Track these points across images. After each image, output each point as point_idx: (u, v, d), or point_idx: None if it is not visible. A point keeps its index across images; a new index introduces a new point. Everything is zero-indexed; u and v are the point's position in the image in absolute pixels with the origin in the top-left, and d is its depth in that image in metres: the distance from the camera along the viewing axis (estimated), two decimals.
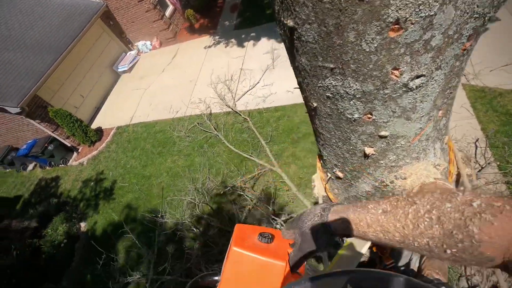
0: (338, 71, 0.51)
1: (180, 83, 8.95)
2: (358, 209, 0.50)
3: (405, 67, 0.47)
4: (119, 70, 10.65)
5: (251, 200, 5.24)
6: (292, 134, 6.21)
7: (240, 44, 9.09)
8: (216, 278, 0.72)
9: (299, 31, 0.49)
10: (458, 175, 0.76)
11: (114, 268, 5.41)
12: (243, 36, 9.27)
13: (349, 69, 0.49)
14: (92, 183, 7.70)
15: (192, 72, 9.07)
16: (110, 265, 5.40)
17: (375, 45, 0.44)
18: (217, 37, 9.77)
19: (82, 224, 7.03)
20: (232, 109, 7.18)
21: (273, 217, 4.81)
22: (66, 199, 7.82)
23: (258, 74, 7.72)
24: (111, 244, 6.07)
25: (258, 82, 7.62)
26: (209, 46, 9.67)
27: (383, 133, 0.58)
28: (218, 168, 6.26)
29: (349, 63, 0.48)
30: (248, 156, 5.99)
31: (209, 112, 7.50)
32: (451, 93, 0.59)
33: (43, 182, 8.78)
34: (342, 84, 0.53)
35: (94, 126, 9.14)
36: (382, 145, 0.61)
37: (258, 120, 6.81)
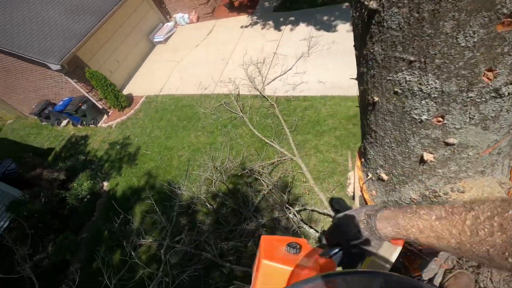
0: (418, 65, 0.46)
1: (212, 60, 8.94)
2: (408, 215, 0.49)
3: (502, 69, 0.41)
4: (155, 40, 10.79)
5: (267, 185, 5.25)
6: (318, 126, 6.08)
7: (277, 27, 8.86)
8: None
9: (382, 15, 0.44)
10: None
11: (130, 229, 5.72)
12: (281, 19, 9.02)
13: (433, 64, 0.44)
14: (118, 146, 8.04)
15: (225, 51, 9.00)
16: (126, 226, 5.72)
17: (475, 40, 0.39)
18: (255, 17, 9.57)
19: (105, 183, 7.42)
20: (260, 92, 7.11)
21: (287, 205, 4.81)
22: (93, 158, 8.25)
23: (291, 61, 7.54)
24: (129, 206, 6.38)
25: (290, 69, 7.45)
26: (246, 26, 9.51)
27: (451, 140, 0.52)
28: (239, 150, 6.30)
29: (434, 58, 0.43)
30: (270, 142, 5.96)
31: (237, 93, 7.48)
32: None
33: (73, 138, 9.28)
34: (418, 80, 0.47)
35: (125, 92, 9.42)
36: (446, 153, 0.56)
37: (285, 107, 6.71)
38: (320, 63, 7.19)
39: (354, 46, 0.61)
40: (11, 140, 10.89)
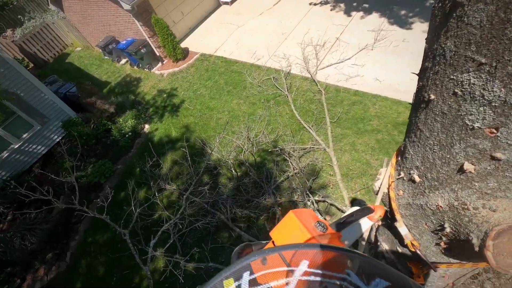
0: (487, 68, 0.44)
1: (271, 32, 8.79)
2: None
3: None
4: None
5: (294, 168, 5.29)
6: (361, 124, 5.85)
7: (348, 11, 8.35)
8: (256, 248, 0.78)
9: (466, 9, 0.43)
10: None
11: (158, 172, 6.18)
12: (354, 4, 8.46)
13: (504, 71, 0.42)
14: (164, 95, 8.48)
15: (287, 25, 8.76)
16: (156, 168, 6.18)
17: None
18: None
19: (146, 126, 7.97)
20: (312, 76, 6.93)
21: (308, 192, 4.84)
22: (141, 100, 8.82)
23: (353, 50, 7.16)
24: (162, 152, 6.84)
25: (349, 58, 7.10)
26: (315, 4, 9.09)
27: (498, 154, 0.51)
28: (275, 127, 6.32)
29: (507, 64, 0.41)
30: (308, 128, 5.89)
31: (287, 71, 7.37)
32: None
33: (128, 78, 9.94)
34: (483, 84, 0.46)
35: (183, 45, 9.70)
36: (488, 168, 0.55)
37: (332, 96, 6.51)
38: (382, 59, 6.74)
39: (426, 38, 0.59)
40: (76, 66, 11.95)
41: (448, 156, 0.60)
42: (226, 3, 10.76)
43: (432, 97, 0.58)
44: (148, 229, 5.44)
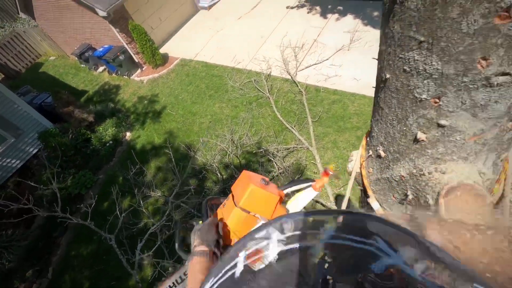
0: (426, 45, 0.52)
1: (250, 36, 8.91)
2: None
3: (495, 60, 0.47)
4: (199, 4, 10.82)
5: (278, 168, 5.37)
6: (341, 122, 6.03)
7: (324, 14, 8.62)
8: (222, 200, 0.94)
9: None
10: (500, 198, 0.75)
11: (143, 180, 6.08)
12: (329, 6, 8.75)
13: (438, 46, 0.50)
14: (145, 101, 8.37)
15: (266, 29, 8.92)
16: (139, 176, 6.07)
17: (475, 28, 0.45)
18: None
19: (128, 133, 7.83)
20: (292, 77, 7.07)
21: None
22: (121, 107, 8.65)
23: (330, 51, 7.37)
24: (146, 159, 6.74)
25: (327, 59, 7.30)
26: (292, 7, 9.32)
27: (443, 121, 0.59)
28: (258, 129, 6.39)
29: (440, 40, 0.49)
30: (290, 128, 6.01)
31: (268, 73, 7.48)
32: None
33: (106, 86, 9.73)
34: (424, 60, 0.54)
35: (162, 50, 9.63)
36: (436, 134, 0.63)
37: (313, 96, 6.67)
38: (358, 59, 6.99)
39: (381, 25, 0.67)
40: (51, 76, 11.57)
41: (405, 128, 0.68)
42: (204, 8, 10.81)
43: (388, 76, 0.65)
44: (134, 238, 5.32)
